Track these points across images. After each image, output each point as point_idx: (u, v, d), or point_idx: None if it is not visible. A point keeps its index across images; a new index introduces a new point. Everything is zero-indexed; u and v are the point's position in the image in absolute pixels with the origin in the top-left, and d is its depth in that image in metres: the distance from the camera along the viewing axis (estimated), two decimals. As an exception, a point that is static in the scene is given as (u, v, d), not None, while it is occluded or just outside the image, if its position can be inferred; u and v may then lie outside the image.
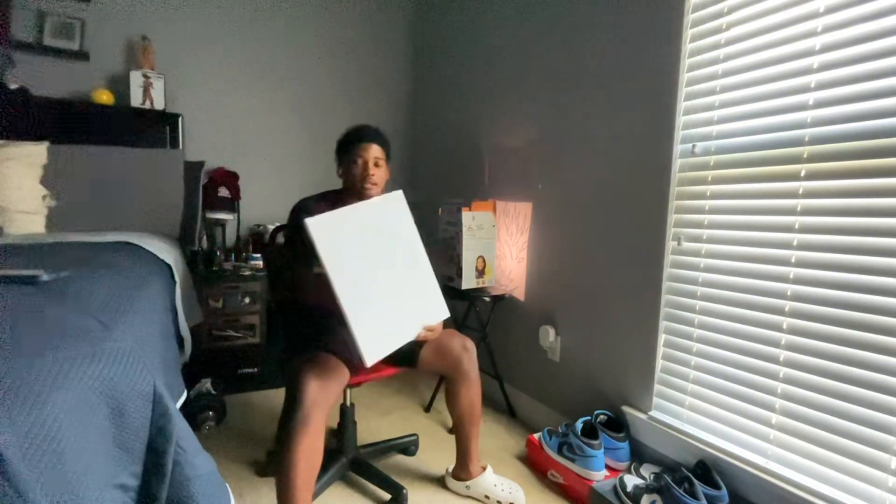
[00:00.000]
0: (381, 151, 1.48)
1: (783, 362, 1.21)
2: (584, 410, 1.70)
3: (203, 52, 2.48)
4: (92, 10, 2.23)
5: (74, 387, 0.63)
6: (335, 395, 1.24)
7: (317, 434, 1.17)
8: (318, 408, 1.16)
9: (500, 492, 1.48)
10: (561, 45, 1.86)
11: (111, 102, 2.20)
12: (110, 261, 1.23)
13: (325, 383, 1.19)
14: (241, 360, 2.25)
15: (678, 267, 1.45)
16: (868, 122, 1.05)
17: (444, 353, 1.45)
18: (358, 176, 1.44)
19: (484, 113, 2.34)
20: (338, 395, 1.26)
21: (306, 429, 1.15)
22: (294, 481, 1.15)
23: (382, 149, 1.48)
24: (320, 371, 1.21)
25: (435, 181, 2.82)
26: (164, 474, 0.73)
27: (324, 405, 1.18)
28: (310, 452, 1.16)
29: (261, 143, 2.66)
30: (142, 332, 0.94)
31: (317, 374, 1.19)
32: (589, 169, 1.75)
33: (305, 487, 1.17)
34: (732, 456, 1.28)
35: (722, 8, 1.32)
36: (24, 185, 1.80)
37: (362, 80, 2.89)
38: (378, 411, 2.12)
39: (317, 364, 1.22)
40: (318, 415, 1.16)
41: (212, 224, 2.46)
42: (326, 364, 1.24)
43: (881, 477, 1.04)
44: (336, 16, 2.77)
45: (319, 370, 1.21)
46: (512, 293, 2.13)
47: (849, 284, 1.09)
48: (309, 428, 1.15)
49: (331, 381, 1.22)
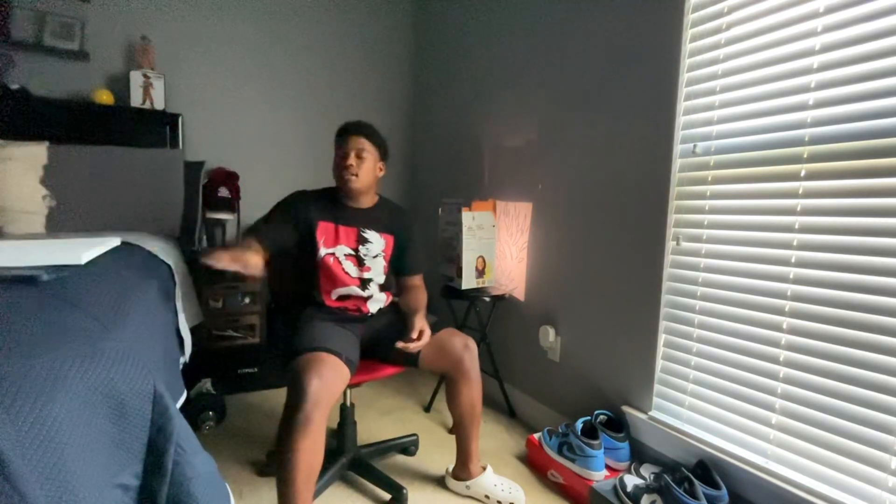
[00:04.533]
0: (367, 143, 1.49)
1: (783, 362, 1.21)
2: (584, 410, 1.70)
3: (203, 52, 2.48)
4: (92, 10, 2.23)
5: (74, 387, 0.63)
6: (337, 394, 1.23)
7: (318, 434, 1.17)
8: (319, 407, 1.16)
9: (501, 492, 1.48)
10: (561, 45, 1.86)
11: (111, 102, 2.19)
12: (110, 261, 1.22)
13: (327, 383, 1.19)
14: (241, 360, 2.25)
15: (678, 267, 1.45)
16: (868, 122, 1.05)
17: (445, 352, 1.45)
18: (338, 167, 1.49)
19: (484, 113, 2.34)
20: (339, 395, 1.26)
21: (308, 428, 1.15)
22: (295, 481, 1.15)
23: (369, 140, 1.49)
24: (322, 370, 1.20)
25: (435, 181, 2.82)
26: (164, 474, 0.73)
27: (325, 405, 1.18)
28: (311, 452, 1.16)
29: (261, 143, 2.66)
30: (142, 332, 0.94)
31: (318, 374, 1.19)
32: (589, 169, 1.75)
33: (306, 488, 1.17)
34: (732, 456, 1.28)
35: (722, 8, 1.32)
36: (24, 185, 1.80)
37: (362, 79, 2.89)
38: (378, 411, 2.12)
39: (318, 363, 1.22)
40: (319, 414, 1.16)
41: (212, 224, 2.46)
42: (328, 363, 1.24)
43: (881, 477, 1.04)
44: (336, 16, 2.77)
45: (321, 369, 1.20)
46: (512, 293, 2.13)
47: (849, 284, 1.09)
48: (310, 428, 1.15)
49: (332, 381, 1.22)
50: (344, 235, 1.51)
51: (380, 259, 1.57)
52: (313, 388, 1.16)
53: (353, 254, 1.52)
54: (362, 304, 1.54)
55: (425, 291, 1.64)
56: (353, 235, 1.52)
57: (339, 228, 1.51)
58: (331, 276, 1.49)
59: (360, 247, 1.53)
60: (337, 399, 1.26)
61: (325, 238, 1.49)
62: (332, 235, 1.50)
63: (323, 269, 1.49)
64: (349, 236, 1.52)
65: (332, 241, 1.50)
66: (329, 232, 1.50)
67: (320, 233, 1.49)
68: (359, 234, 1.53)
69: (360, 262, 1.53)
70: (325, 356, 1.25)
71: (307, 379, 1.17)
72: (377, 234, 1.56)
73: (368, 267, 1.54)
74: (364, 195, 1.54)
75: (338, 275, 1.49)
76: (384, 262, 1.58)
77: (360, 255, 1.53)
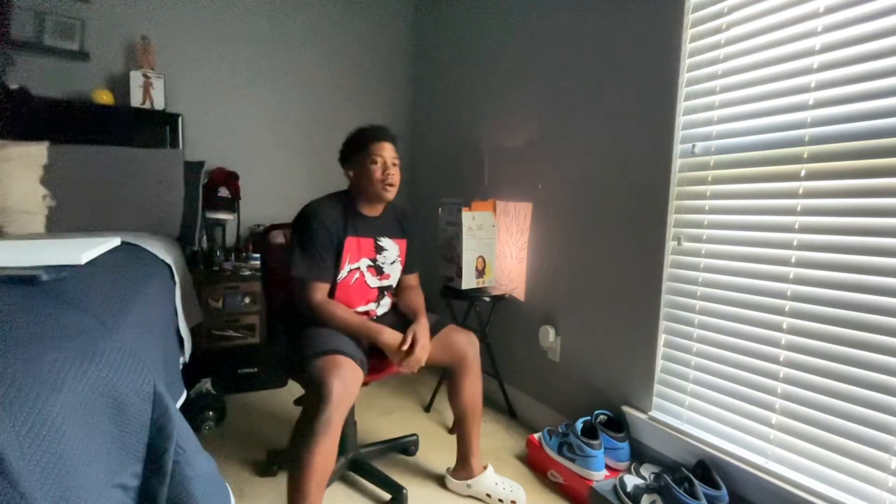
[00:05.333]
0: (395, 151, 1.47)
1: (783, 362, 1.21)
2: (584, 410, 1.70)
3: (203, 52, 2.48)
4: (92, 10, 2.23)
5: (74, 387, 0.63)
6: (355, 396, 1.24)
7: (336, 436, 1.17)
8: (340, 410, 1.16)
9: (502, 490, 1.48)
10: (561, 45, 1.86)
11: (111, 102, 2.20)
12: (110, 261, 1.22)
13: (347, 385, 1.19)
14: (240, 361, 2.25)
15: (678, 267, 1.45)
16: (868, 122, 1.05)
17: (449, 347, 1.46)
18: (378, 177, 1.41)
19: (484, 113, 2.34)
20: (356, 397, 1.26)
21: (328, 430, 1.14)
22: (308, 484, 1.14)
23: (396, 147, 1.48)
24: (342, 373, 1.20)
25: (435, 181, 2.82)
26: (164, 474, 0.73)
27: (346, 407, 1.18)
28: (328, 454, 1.16)
29: (261, 142, 2.66)
30: (142, 332, 0.94)
31: (339, 377, 1.18)
32: (589, 169, 1.75)
33: (317, 491, 1.16)
34: (732, 456, 1.28)
35: (722, 8, 1.32)
36: (24, 185, 1.80)
37: (362, 79, 2.89)
38: (378, 411, 2.12)
39: (338, 366, 1.21)
40: (339, 416, 1.16)
41: (212, 224, 2.46)
42: (346, 366, 1.23)
43: (881, 477, 1.04)
44: (335, 16, 2.77)
45: (342, 372, 1.20)
46: (512, 293, 2.13)
47: (849, 284, 1.09)
48: (330, 429, 1.15)
49: (352, 384, 1.22)
50: (364, 247, 1.48)
51: (396, 265, 1.56)
52: (336, 391, 1.15)
53: (372, 264, 1.50)
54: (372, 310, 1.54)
55: (421, 292, 1.63)
56: (370, 246, 1.49)
57: (360, 241, 1.47)
58: (350, 297, 1.46)
59: (377, 256, 1.51)
60: (355, 401, 1.25)
61: (350, 254, 1.44)
62: (355, 250, 1.45)
63: (340, 290, 1.44)
64: (367, 247, 1.49)
65: (356, 255, 1.46)
66: (353, 247, 1.45)
67: (347, 250, 1.42)
68: (375, 243, 1.51)
69: (380, 271, 1.52)
70: (342, 359, 1.24)
71: (330, 382, 1.16)
72: (391, 241, 1.54)
73: (388, 274, 1.54)
74: (386, 203, 1.52)
75: (357, 294, 1.47)
76: (401, 267, 1.58)
77: (378, 265, 1.51)
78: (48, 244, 1.30)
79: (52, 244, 1.30)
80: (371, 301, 1.52)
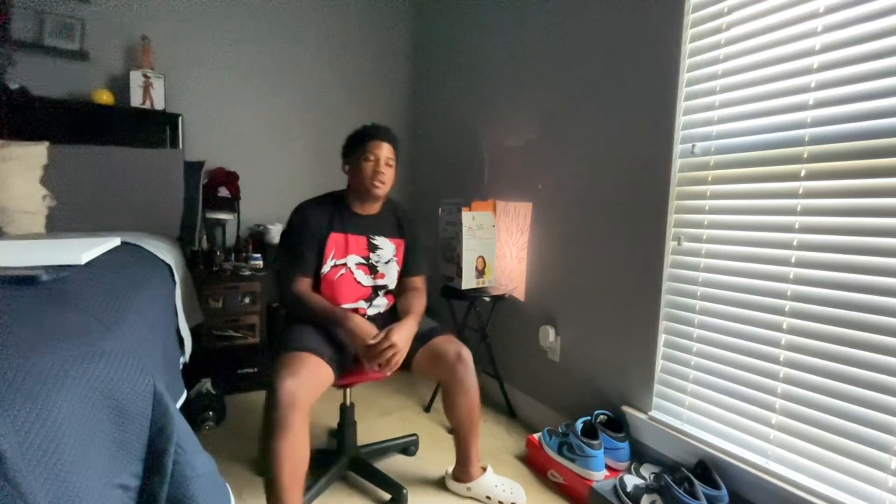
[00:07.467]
0: (393, 152, 1.48)
1: (783, 362, 1.21)
2: (584, 410, 1.70)
3: (203, 52, 2.48)
4: (92, 10, 2.23)
5: (74, 387, 0.63)
6: (314, 395, 1.22)
7: (296, 434, 1.16)
8: (294, 409, 1.15)
9: (502, 492, 1.47)
10: (560, 46, 1.86)
11: (111, 102, 2.19)
12: (110, 261, 1.22)
13: (303, 381, 1.18)
14: (241, 360, 2.25)
15: (678, 267, 1.45)
16: (868, 122, 1.05)
17: (437, 361, 1.43)
18: (368, 173, 1.43)
19: (484, 113, 2.34)
20: (317, 396, 1.24)
21: (284, 430, 1.14)
22: (280, 482, 1.15)
23: (394, 150, 1.48)
24: (298, 369, 1.20)
25: (435, 181, 2.82)
26: (164, 474, 0.73)
27: (301, 406, 1.16)
28: (291, 453, 1.15)
29: (261, 143, 2.66)
30: (142, 332, 0.93)
31: (292, 375, 1.18)
32: (589, 169, 1.75)
33: (293, 487, 1.16)
34: (732, 456, 1.28)
35: (722, 8, 1.32)
36: (24, 185, 1.80)
37: (362, 79, 2.89)
38: (378, 411, 2.12)
39: (295, 362, 1.21)
40: (294, 416, 1.15)
41: (212, 224, 2.46)
42: (306, 362, 1.23)
43: (881, 477, 1.04)
44: (336, 15, 2.77)
45: (297, 368, 1.20)
46: (512, 293, 2.13)
47: (849, 284, 1.09)
48: (286, 429, 1.14)
49: (310, 379, 1.21)
50: (354, 244, 1.49)
51: (392, 264, 1.56)
52: (286, 388, 1.15)
53: (364, 262, 1.51)
54: (362, 308, 1.54)
55: (424, 296, 1.59)
56: (362, 244, 1.50)
57: (348, 238, 1.48)
58: (335, 292, 1.47)
59: (370, 254, 1.51)
60: (317, 398, 1.24)
61: (335, 250, 1.46)
62: (342, 246, 1.47)
63: (325, 284, 1.46)
64: (359, 245, 1.50)
65: (342, 251, 1.47)
66: (339, 243, 1.47)
67: (330, 246, 1.46)
68: (368, 241, 1.51)
69: (373, 270, 1.52)
70: (304, 356, 1.25)
71: (280, 381, 1.16)
72: (386, 240, 1.55)
73: (383, 273, 1.54)
74: (378, 201, 1.53)
75: (344, 290, 1.47)
76: (398, 267, 1.58)
77: (371, 263, 1.52)
78: (48, 244, 1.30)
79: (53, 244, 1.30)
80: (361, 299, 1.51)
